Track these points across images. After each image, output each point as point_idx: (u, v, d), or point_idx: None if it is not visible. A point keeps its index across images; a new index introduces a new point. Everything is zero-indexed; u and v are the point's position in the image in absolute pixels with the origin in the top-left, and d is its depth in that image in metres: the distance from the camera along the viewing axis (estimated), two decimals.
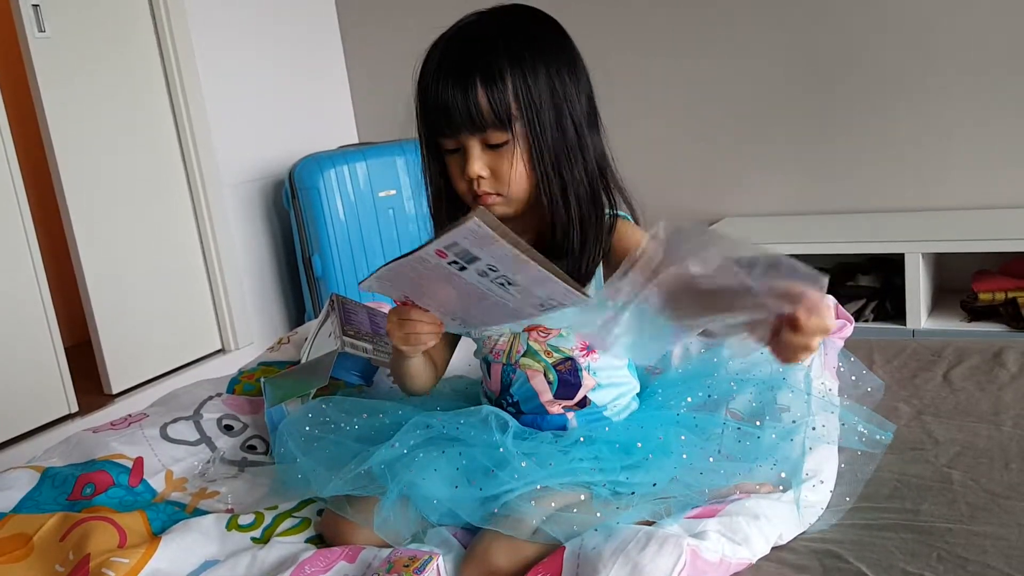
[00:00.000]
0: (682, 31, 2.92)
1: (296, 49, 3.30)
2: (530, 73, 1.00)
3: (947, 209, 2.68)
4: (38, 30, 2.47)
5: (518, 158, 1.01)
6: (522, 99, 0.99)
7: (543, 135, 1.00)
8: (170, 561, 0.96)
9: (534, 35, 1.03)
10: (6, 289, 2.40)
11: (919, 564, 0.90)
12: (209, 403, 1.37)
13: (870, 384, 1.28)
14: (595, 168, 1.05)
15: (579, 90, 1.04)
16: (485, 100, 0.98)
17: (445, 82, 0.99)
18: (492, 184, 1.03)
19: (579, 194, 1.03)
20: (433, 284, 0.92)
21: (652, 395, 1.16)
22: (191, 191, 2.92)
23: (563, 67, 1.03)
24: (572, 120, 1.02)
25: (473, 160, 1.01)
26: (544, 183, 1.02)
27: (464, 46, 1.01)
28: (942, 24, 2.58)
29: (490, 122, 0.99)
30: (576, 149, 1.03)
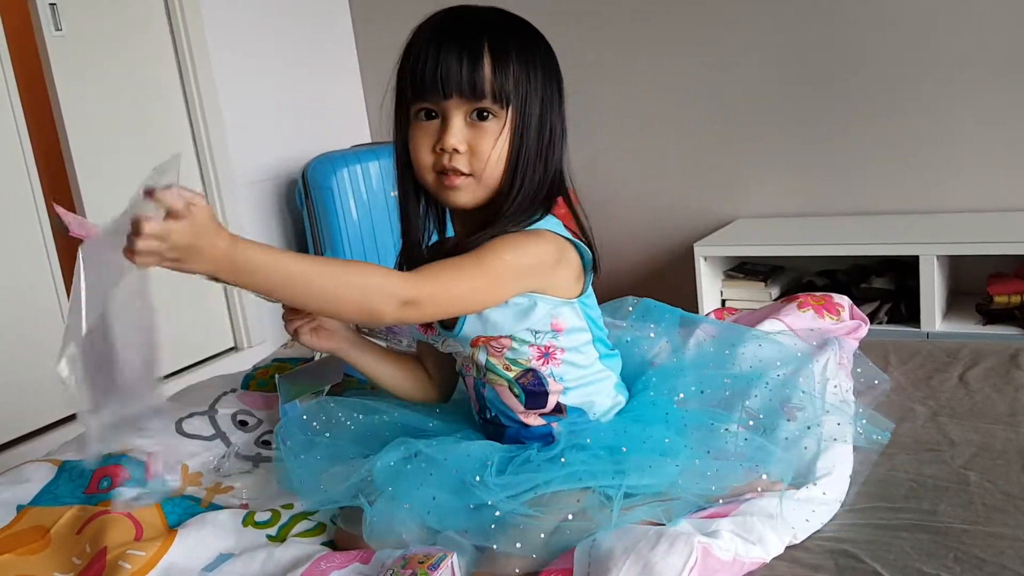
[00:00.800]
0: (695, 33, 2.91)
1: (309, 49, 3.32)
2: (531, 65, 1.01)
3: (962, 211, 2.66)
4: (55, 28, 2.49)
5: (502, 140, 0.99)
6: (521, 85, 0.99)
7: (528, 127, 1.01)
8: (186, 554, 0.97)
9: (535, 40, 1.05)
10: (22, 286, 2.42)
11: (935, 564, 0.90)
12: (224, 399, 1.37)
13: (876, 378, 1.28)
14: (553, 173, 1.05)
15: (560, 99, 1.06)
16: (490, 71, 0.98)
17: (451, 44, 0.98)
18: (465, 162, 0.99)
19: (528, 195, 1.02)
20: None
21: (644, 391, 1.14)
22: (205, 189, 2.94)
23: (552, 78, 1.04)
24: (550, 120, 1.03)
25: (454, 130, 0.98)
26: (511, 174, 1.01)
27: (474, 20, 1.01)
28: (958, 24, 2.56)
29: (490, 93, 0.98)
30: (545, 149, 1.03)
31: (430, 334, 1.11)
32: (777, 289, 2.75)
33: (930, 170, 2.69)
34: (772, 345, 1.26)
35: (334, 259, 1.03)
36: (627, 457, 1.00)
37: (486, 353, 1.05)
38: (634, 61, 3.01)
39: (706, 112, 2.97)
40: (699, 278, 2.71)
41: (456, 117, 0.99)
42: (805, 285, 2.73)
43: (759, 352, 1.24)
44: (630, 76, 3.05)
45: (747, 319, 1.46)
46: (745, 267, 2.82)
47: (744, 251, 2.76)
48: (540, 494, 0.96)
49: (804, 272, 2.82)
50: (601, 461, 1.00)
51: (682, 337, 1.30)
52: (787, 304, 1.45)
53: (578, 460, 1.00)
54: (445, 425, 1.13)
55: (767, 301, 2.43)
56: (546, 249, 1.01)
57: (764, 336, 1.28)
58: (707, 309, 2.53)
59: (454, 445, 1.05)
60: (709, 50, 2.91)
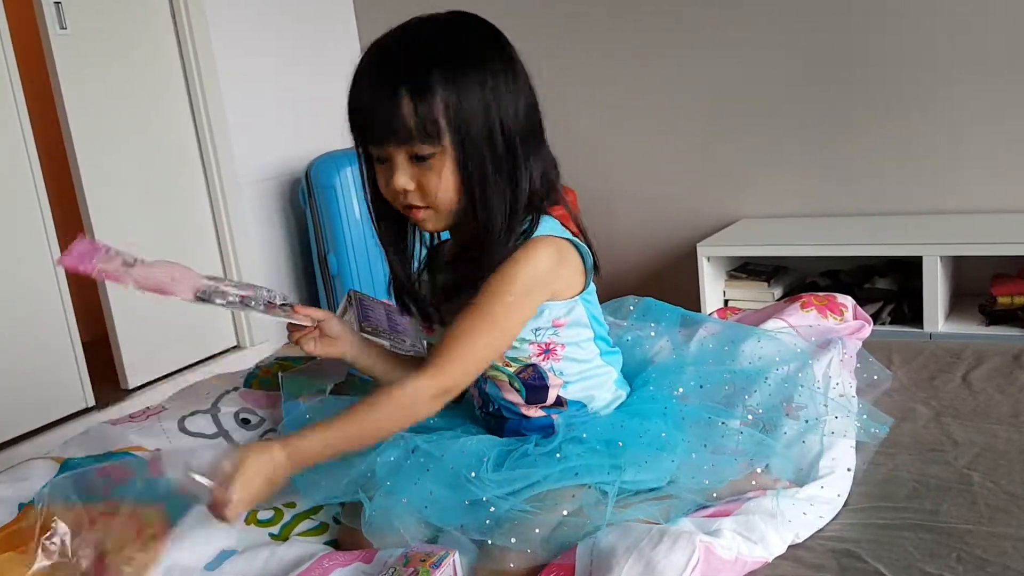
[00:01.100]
0: (700, 33, 2.91)
1: (313, 48, 3.32)
2: (462, 82, 0.96)
3: (966, 212, 2.66)
4: (59, 27, 2.49)
5: (447, 172, 0.98)
6: (452, 112, 0.96)
7: (473, 150, 0.97)
8: (188, 552, 0.97)
9: (470, 44, 1.00)
10: (25, 284, 2.43)
11: (938, 564, 0.90)
12: (226, 397, 1.37)
13: (877, 373, 1.27)
14: (526, 187, 1.01)
15: (517, 104, 1.00)
16: (412, 112, 0.95)
17: (371, 91, 0.98)
18: (419, 197, 1.01)
19: (498, 211, 1.00)
20: None
21: (644, 386, 1.14)
22: (208, 188, 2.94)
23: (500, 79, 0.99)
24: (504, 134, 0.99)
25: (399, 173, 1.00)
26: (470, 199, 0.99)
27: (394, 54, 0.99)
28: (962, 26, 2.56)
29: (417, 135, 0.96)
30: (506, 165, 0.99)
31: (432, 335, 1.12)
32: (780, 289, 2.74)
33: (934, 171, 2.69)
34: (772, 342, 1.26)
35: (366, 404, 1.00)
36: (624, 452, 1.00)
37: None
38: (638, 61, 3.01)
39: (710, 112, 2.97)
40: (702, 278, 2.71)
41: (398, 158, 1.00)
42: (808, 285, 2.73)
43: (759, 349, 1.24)
44: (634, 76, 3.05)
45: (750, 319, 1.46)
46: (748, 267, 2.82)
47: (747, 251, 2.76)
48: (537, 492, 0.96)
49: (807, 272, 2.82)
50: (598, 455, 1.00)
51: (684, 337, 1.30)
52: (790, 304, 1.45)
53: (575, 454, 1.00)
54: (445, 419, 1.13)
55: (770, 301, 2.43)
56: (543, 260, 1.01)
57: (764, 333, 1.28)
58: (710, 309, 2.53)
59: (451, 441, 1.05)
60: (714, 51, 2.91)
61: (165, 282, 1.03)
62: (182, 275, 1.05)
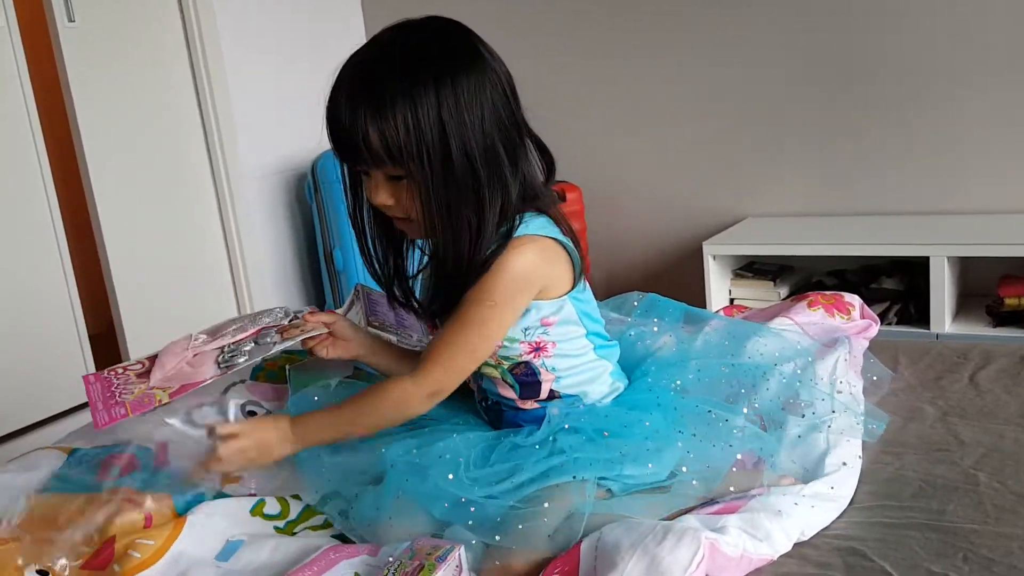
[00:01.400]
0: (707, 32, 2.90)
1: (321, 43, 3.32)
2: (422, 107, 0.95)
3: (973, 213, 2.65)
4: (68, 19, 2.50)
5: (418, 189, 0.98)
6: (413, 136, 0.95)
7: (432, 173, 0.96)
8: (195, 542, 0.97)
9: (435, 63, 0.97)
10: (33, 277, 2.44)
11: (944, 564, 0.90)
12: (233, 389, 1.37)
13: (877, 373, 1.27)
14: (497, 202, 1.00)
15: (482, 119, 0.98)
16: (376, 137, 0.96)
17: (339, 115, 0.98)
18: (399, 211, 1.03)
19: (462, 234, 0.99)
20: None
21: (643, 378, 1.15)
22: (215, 183, 2.95)
23: (463, 97, 0.97)
24: (467, 155, 0.97)
25: (376, 191, 1.01)
26: (430, 220, 0.99)
27: (360, 75, 0.99)
28: (971, 26, 2.55)
29: (382, 158, 0.97)
30: (468, 187, 0.98)
31: (431, 330, 1.15)
32: (786, 288, 2.74)
33: (941, 171, 2.68)
34: (775, 338, 1.26)
35: (360, 396, 1.08)
36: (612, 443, 1.01)
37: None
38: (645, 59, 3.01)
39: (717, 111, 2.96)
40: (708, 277, 2.71)
41: (376, 176, 1.01)
42: (814, 285, 2.72)
43: (761, 346, 1.24)
44: (641, 74, 3.04)
45: (757, 317, 1.46)
46: (754, 266, 2.81)
47: (753, 250, 2.76)
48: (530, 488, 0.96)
49: (813, 272, 2.82)
50: (587, 446, 1.01)
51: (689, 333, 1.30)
52: (797, 303, 1.45)
53: (565, 445, 1.01)
54: (446, 410, 1.14)
55: (776, 301, 2.42)
56: (524, 262, 1.02)
57: (767, 329, 1.28)
58: (715, 308, 2.53)
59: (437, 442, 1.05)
60: (721, 50, 2.90)
61: (188, 374, 1.06)
62: (195, 358, 1.08)
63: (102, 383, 1.05)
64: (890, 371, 1.30)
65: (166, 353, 1.09)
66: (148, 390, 1.03)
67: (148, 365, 1.09)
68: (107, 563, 0.95)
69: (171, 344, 1.10)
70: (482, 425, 1.15)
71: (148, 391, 1.03)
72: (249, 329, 1.13)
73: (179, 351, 1.08)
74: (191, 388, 1.03)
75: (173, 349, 1.10)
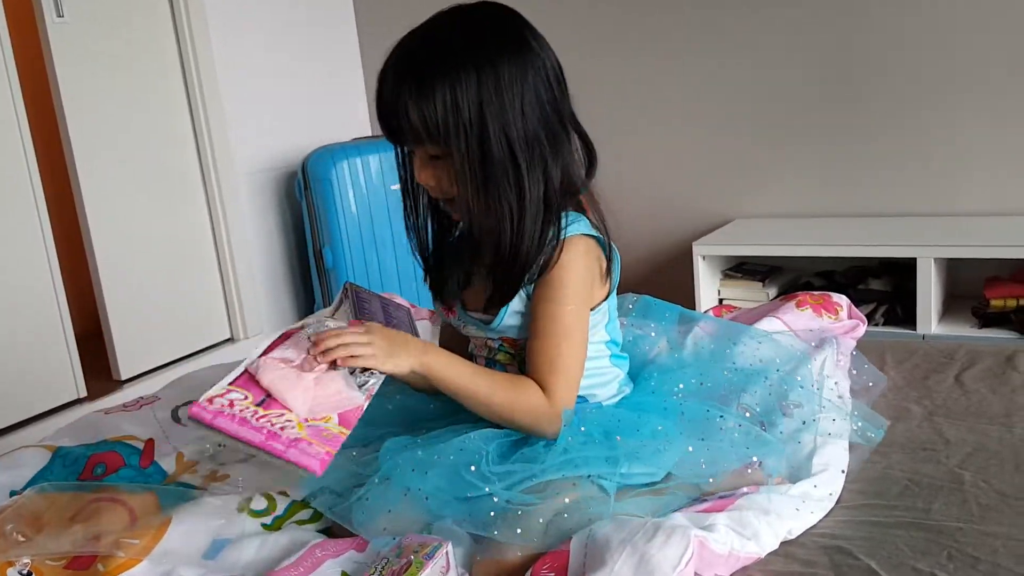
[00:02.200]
0: (696, 33, 2.91)
1: (312, 40, 3.31)
2: (461, 89, 0.96)
3: (961, 215, 2.67)
4: (56, 15, 2.48)
5: (457, 171, 1.00)
6: (451, 116, 0.96)
7: (469, 155, 0.98)
8: (181, 541, 0.97)
9: (478, 46, 0.98)
10: (19, 274, 2.42)
11: (929, 562, 0.90)
12: None
13: (873, 379, 1.28)
14: (536, 191, 1.00)
15: (523, 106, 0.99)
16: (416, 115, 0.97)
17: (384, 93, 1.00)
18: (440, 192, 1.04)
19: (504, 218, 1.00)
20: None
21: (647, 381, 1.15)
22: (204, 179, 2.93)
23: (504, 81, 0.97)
24: (506, 139, 0.98)
25: (419, 170, 1.03)
26: (464, 203, 1.00)
27: (405, 54, 1.00)
28: (960, 30, 2.57)
29: (423, 137, 0.98)
30: (508, 171, 0.98)
31: (451, 316, 1.14)
32: (775, 289, 2.75)
33: (929, 173, 2.70)
34: (772, 344, 1.26)
35: (501, 377, 1.03)
36: (621, 444, 1.01)
37: (503, 341, 1.09)
38: (635, 60, 3.01)
39: (706, 111, 2.97)
40: (697, 277, 2.71)
41: (419, 155, 1.03)
42: (803, 286, 2.73)
43: (759, 352, 1.24)
44: (630, 74, 3.05)
45: (746, 316, 1.46)
46: (743, 267, 2.82)
47: (742, 251, 2.76)
48: (536, 481, 0.97)
49: (802, 273, 2.83)
50: (596, 446, 1.01)
51: (680, 334, 1.31)
52: (786, 302, 1.46)
53: (574, 446, 1.00)
54: (445, 407, 1.13)
55: (764, 301, 2.43)
56: (589, 259, 1.04)
57: (765, 336, 1.28)
58: (704, 308, 2.53)
59: (451, 435, 1.05)
60: (711, 50, 2.91)
61: (337, 400, 0.94)
62: (316, 380, 0.96)
63: (227, 419, 0.89)
64: (884, 376, 1.30)
65: (276, 378, 0.93)
66: (319, 423, 0.91)
67: (254, 395, 0.92)
68: (91, 562, 0.94)
69: (264, 366, 0.94)
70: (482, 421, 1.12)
71: (321, 425, 0.91)
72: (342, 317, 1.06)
73: (288, 374, 0.94)
74: (356, 414, 0.94)
75: (274, 370, 0.94)
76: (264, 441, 0.87)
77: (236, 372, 0.94)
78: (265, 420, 0.89)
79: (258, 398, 0.91)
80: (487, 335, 1.10)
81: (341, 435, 0.91)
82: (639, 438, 1.02)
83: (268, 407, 0.90)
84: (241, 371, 0.94)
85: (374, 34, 3.44)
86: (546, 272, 1.02)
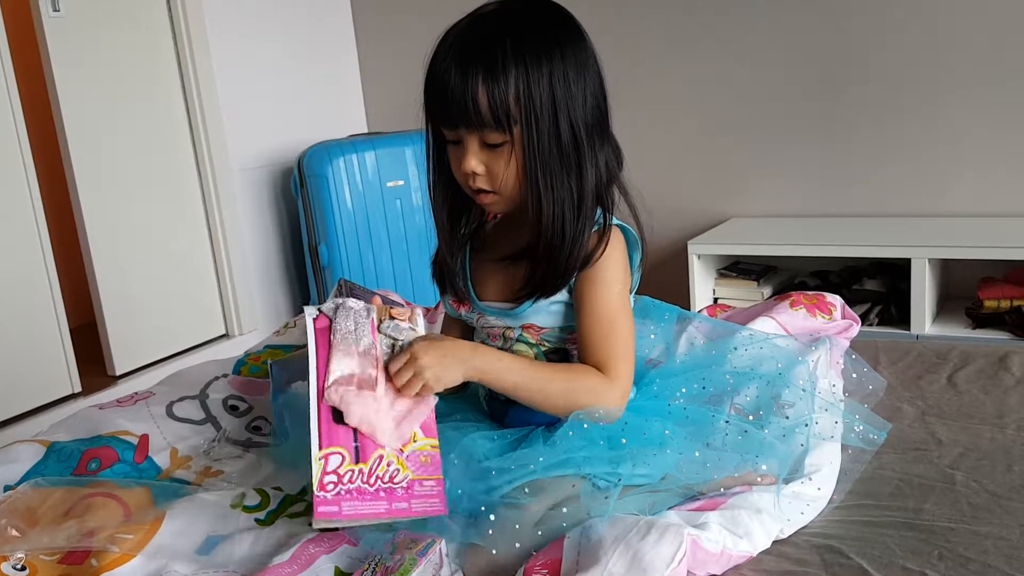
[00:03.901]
0: (691, 32, 2.92)
1: (308, 37, 3.31)
2: (534, 74, 0.97)
3: (955, 216, 2.68)
4: (52, 9, 2.48)
5: (514, 160, 1.00)
6: (523, 101, 0.97)
7: (539, 140, 0.99)
8: (174, 537, 0.97)
9: (545, 33, 1.00)
10: (14, 269, 2.41)
11: (920, 561, 0.91)
12: (215, 383, 1.37)
13: (872, 382, 1.28)
14: (592, 178, 1.03)
15: (586, 95, 1.02)
16: (485, 99, 0.97)
17: (448, 74, 0.98)
18: (487, 181, 1.03)
19: (565, 204, 1.01)
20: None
21: (649, 385, 1.15)
22: (200, 175, 2.93)
23: (570, 69, 1.00)
24: (572, 126, 1.00)
25: (469, 156, 1.01)
26: (532, 189, 1.01)
27: (472, 38, 1.00)
28: (954, 30, 2.57)
29: (488, 122, 0.98)
30: (571, 157, 1.01)
31: (463, 309, 1.14)
32: (769, 289, 2.76)
33: (924, 174, 2.71)
34: (769, 346, 1.26)
35: (552, 365, 1.04)
36: (625, 446, 1.01)
37: (521, 331, 1.09)
38: (630, 59, 3.01)
39: (701, 111, 2.97)
40: (692, 276, 2.72)
41: (471, 143, 1.01)
42: (797, 285, 2.74)
43: (760, 354, 1.24)
44: (625, 74, 3.05)
45: (740, 316, 1.46)
46: (738, 266, 2.83)
47: (737, 250, 2.77)
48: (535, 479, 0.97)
49: (797, 272, 2.83)
50: (599, 448, 1.01)
51: (675, 333, 1.31)
52: (780, 302, 1.46)
53: (575, 447, 1.00)
54: (445, 404, 1.13)
55: (759, 300, 2.43)
56: (621, 249, 1.08)
57: (765, 339, 1.28)
58: (699, 307, 2.54)
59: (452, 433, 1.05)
60: (707, 50, 2.91)
61: (415, 414, 0.94)
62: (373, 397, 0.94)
63: (350, 502, 0.88)
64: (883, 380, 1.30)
65: (362, 417, 0.92)
66: (411, 449, 0.92)
67: (347, 448, 0.90)
68: (85, 557, 0.94)
69: (347, 401, 0.92)
70: (483, 421, 1.13)
71: (414, 450, 0.92)
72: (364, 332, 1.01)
73: (368, 404, 0.92)
74: (431, 417, 0.95)
75: (357, 405, 0.92)
76: (390, 509, 0.89)
77: (314, 415, 0.92)
78: (375, 480, 0.90)
79: (351, 449, 0.91)
80: (508, 324, 1.10)
81: (435, 451, 0.93)
82: (644, 442, 1.02)
83: (365, 456, 0.91)
84: (316, 411, 0.92)
85: (370, 32, 3.44)
86: (594, 259, 1.04)
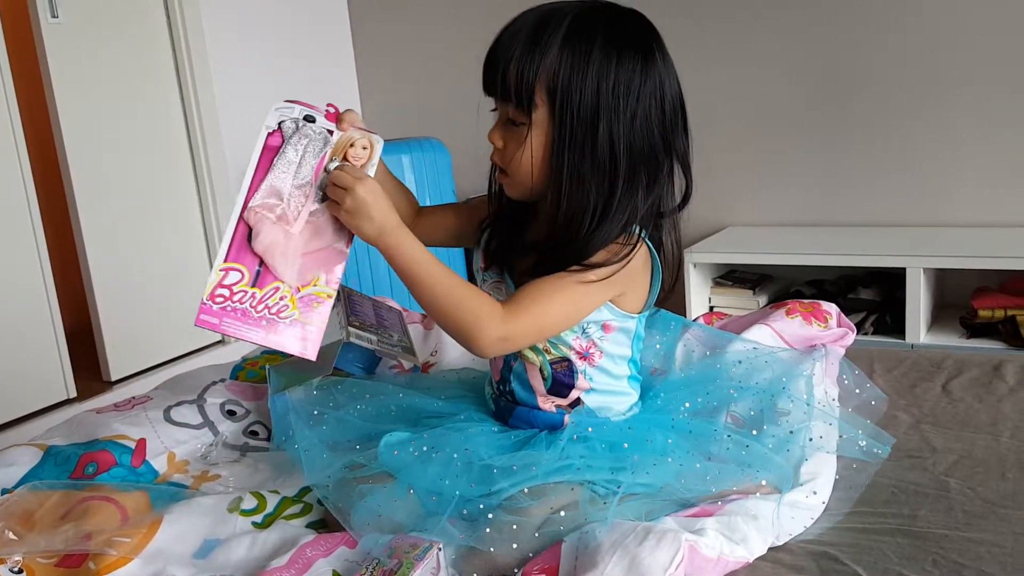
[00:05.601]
0: (693, 40, 2.93)
1: (306, 41, 3.32)
2: (578, 68, 0.94)
3: (950, 225, 2.69)
4: (51, 15, 2.48)
5: (528, 145, 0.98)
6: (557, 91, 0.94)
7: (571, 138, 0.95)
8: (172, 540, 0.97)
9: (609, 36, 0.96)
10: (9, 273, 2.41)
11: (914, 568, 0.91)
12: (213, 388, 1.37)
13: (874, 397, 1.28)
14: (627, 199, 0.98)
15: (634, 113, 0.97)
16: (514, 73, 0.96)
17: (498, 40, 0.98)
18: (500, 158, 1.02)
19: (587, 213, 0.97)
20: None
21: (654, 398, 1.15)
22: (197, 178, 2.93)
23: (621, 81, 0.96)
24: (611, 138, 0.95)
25: (495, 127, 1.01)
26: (554, 183, 0.98)
27: (536, 16, 0.98)
28: (952, 41, 2.59)
29: (510, 96, 0.97)
30: (605, 168, 0.96)
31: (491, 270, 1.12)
32: (765, 297, 2.77)
33: (920, 184, 2.72)
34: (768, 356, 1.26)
35: (459, 281, 0.98)
36: (628, 455, 1.01)
37: None
38: None
39: (699, 120, 2.97)
40: (688, 285, 2.73)
41: (502, 115, 1.01)
42: (793, 294, 2.75)
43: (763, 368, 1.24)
44: None
45: (736, 324, 1.47)
46: (734, 275, 2.84)
47: (734, 259, 2.78)
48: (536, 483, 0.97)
49: (792, 281, 2.84)
50: (601, 456, 1.01)
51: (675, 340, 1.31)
52: (776, 310, 1.46)
53: (577, 454, 1.00)
54: (450, 405, 1.13)
55: (755, 309, 2.44)
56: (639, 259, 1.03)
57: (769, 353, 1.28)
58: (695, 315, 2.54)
59: (453, 433, 1.05)
60: (704, 59, 2.93)
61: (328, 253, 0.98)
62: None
63: (232, 316, 0.92)
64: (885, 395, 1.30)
65: (269, 245, 0.96)
66: (308, 290, 0.96)
67: (248, 269, 0.95)
68: (82, 560, 0.94)
69: (257, 219, 0.96)
70: (487, 421, 1.13)
71: (310, 292, 0.96)
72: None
73: (278, 236, 0.96)
74: (340, 267, 0.98)
75: (267, 230, 0.96)
76: (265, 339, 0.93)
77: (231, 228, 0.96)
78: (264, 308, 0.94)
79: (252, 272, 0.95)
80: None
81: (329, 300, 0.97)
82: (647, 451, 1.02)
83: (263, 282, 0.96)
84: (235, 225, 0.96)
85: (368, 35, 3.45)
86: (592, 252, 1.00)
